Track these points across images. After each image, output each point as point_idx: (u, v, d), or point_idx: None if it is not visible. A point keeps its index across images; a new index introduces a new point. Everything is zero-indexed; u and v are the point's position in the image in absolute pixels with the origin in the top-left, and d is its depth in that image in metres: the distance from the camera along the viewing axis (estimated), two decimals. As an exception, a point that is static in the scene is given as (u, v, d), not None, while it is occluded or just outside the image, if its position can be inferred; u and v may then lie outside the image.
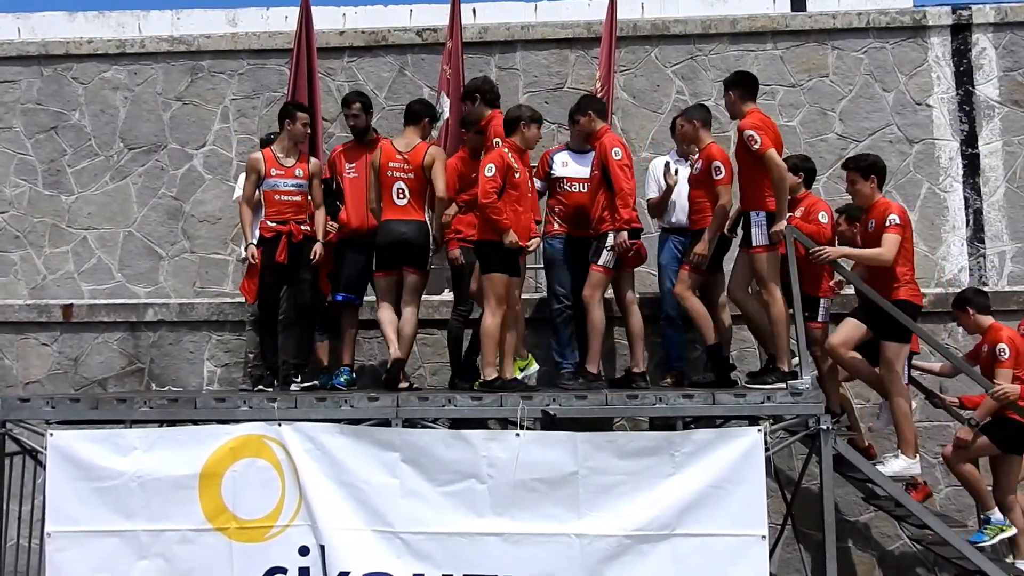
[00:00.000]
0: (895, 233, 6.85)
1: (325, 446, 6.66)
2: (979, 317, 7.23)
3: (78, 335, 9.40)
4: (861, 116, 9.21)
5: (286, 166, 7.75)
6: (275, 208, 7.73)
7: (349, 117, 8.17)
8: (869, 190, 7.08)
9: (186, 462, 6.73)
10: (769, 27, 9.35)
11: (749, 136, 6.94)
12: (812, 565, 8.14)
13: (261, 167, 7.74)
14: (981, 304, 7.28)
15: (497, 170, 7.04)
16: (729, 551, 6.34)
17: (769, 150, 6.91)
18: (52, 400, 7.26)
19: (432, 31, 9.49)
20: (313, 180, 7.83)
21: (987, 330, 7.20)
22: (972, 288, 7.73)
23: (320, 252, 7.72)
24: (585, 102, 7.71)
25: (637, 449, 6.48)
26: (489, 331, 7.10)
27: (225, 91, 9.67)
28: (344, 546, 6.55)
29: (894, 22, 9.24)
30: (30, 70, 9.81)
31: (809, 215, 7.39)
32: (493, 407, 6.81)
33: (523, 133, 7.23)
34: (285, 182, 7.72)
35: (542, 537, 6.45)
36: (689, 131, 7.53)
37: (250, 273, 7.89)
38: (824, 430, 6.54)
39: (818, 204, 7.54)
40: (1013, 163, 9.11)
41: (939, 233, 9.07)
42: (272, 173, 7.73)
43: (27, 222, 9.71)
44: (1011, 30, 9.17)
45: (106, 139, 9.72)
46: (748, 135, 6.95)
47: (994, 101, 9.16)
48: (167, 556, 6.70)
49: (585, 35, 9.40)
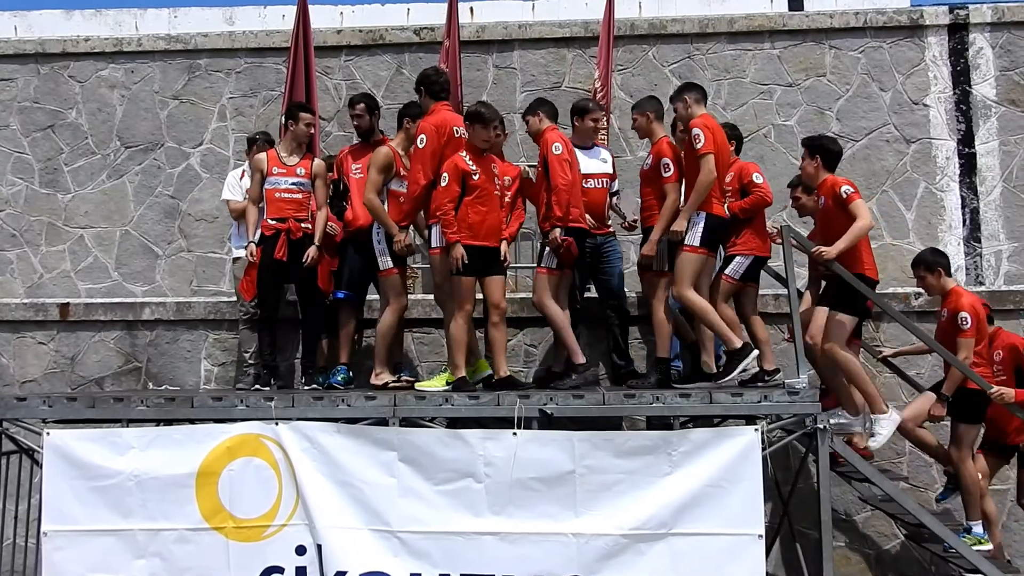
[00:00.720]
0: (858, 198, 6.88)
1: (322, 445, 6.66)
2: (944, 279, 7.20)
3: (75, 334, 9.39)
4: (858, 115, 9.22)
5: (288, 165, 7.83)
6: (276, 206, 7.80)
7: (354, 118, 8.19)
8: (812, 169, 7.11)
9: (183, 461, 6.73)
10: (766, 26, 9.36)
11: (696, 134, 6.97)
12: (809, 564, 8.15)
13: (264, 166, 7.84)
14: (944, 264, 7.27)
15: (451, 178, 7.02)
16: (726, 550, 6.34)
17: (708, 154, 6.94)
18: (49, 399, 7.26)
19: (430, 30, 9.48)
20: (316, 180, 7.86)
21: (948, 294, 7.17)
22: (932, 248, 7.74)
23: (314, 255, 7.74)
24: (536, 103, 7.73)
25: (634, 448, 6.48)
26: (454, 334, 7.10)
27: (222, 90, 9.66)
28: (341, 545, 6.54)
29: (891, 22, 9.25)
30: (27, 68, 9.80)
31: (743, 178, 7.44)
32: (490, 406, 6.81)
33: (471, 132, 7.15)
34: (286, 180, 7.79)
35: (539, 536, 6.45)
36: (642, 124, 7.47)
37: (248, 271, 7.93)
38: (821, 429, 6.54)
39: (748, 167, 7.61)
40: (1010, 163, 9.12)
41: (936, 232, 9.08)
42: (274, 171, 7.83)
43: (24, 220, 9.70)
44: (1008, 30, 9.18)
45: (103, 137, 9.71)
46: (695, 133, 6.98)
47: (991, 101, 9.17)
48: (164, 555, 6.69)
49: (583, 34, 9.40)
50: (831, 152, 7.15)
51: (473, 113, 7.18)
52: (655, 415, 6.86)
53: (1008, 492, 8.54)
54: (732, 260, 7.31)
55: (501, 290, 7.20)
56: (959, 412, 7.11)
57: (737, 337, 7.09)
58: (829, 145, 7.22)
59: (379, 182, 7.51)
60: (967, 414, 7.09)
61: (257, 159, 7.93)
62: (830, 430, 6.63)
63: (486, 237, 7.09)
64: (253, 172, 7.95)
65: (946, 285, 7.19)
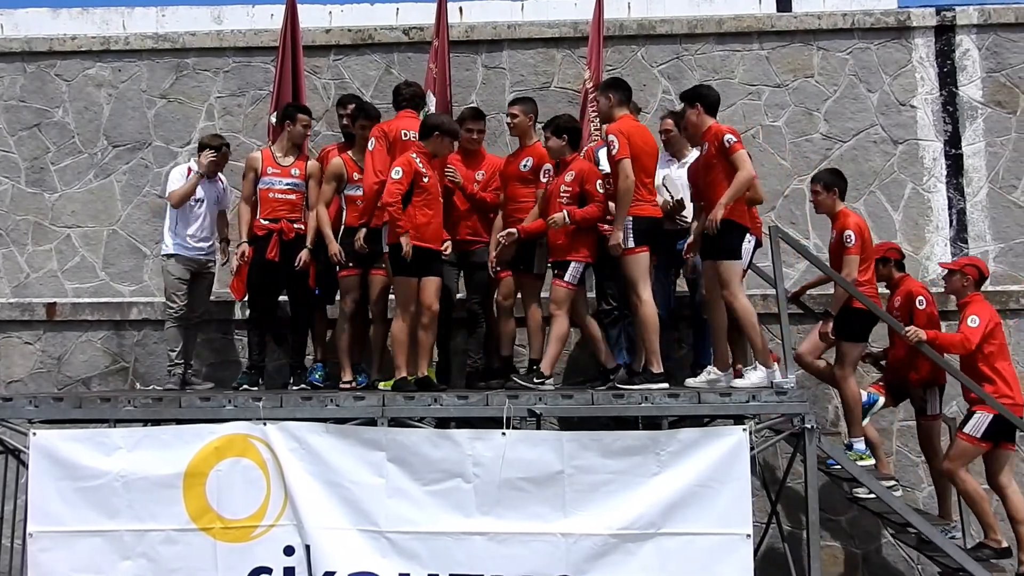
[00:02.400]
0: (741, 149, 6.85)
1: (311, 445, 6.65)
2: (836, 201, 7.35)
3: (61, 334, 9.35)
4: (846, 116, 9.25)
5: (283, 165, 7.84)
6: (269, 206, 7.82)
7: (343, 117, 8.19)
8: (695, 117, 7.10)
9: (170, 462, 6.71)
10: (755, 27, 9.38)
11: (611, 140, 6.99)
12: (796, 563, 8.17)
13: (259, 165, 7.86)
14: (841, 187, 7.41)
15: (404, 174, 7.08)
16: (714, 549, 6.36)
17: (624, 159, 6.92)
18: (35, 399, 7.22)
19: (419, 30, 9.48)
20: (310, 180, 7.86)
21: (837, 215, 7.34)
22: (830, 168, 7.84)
23: (305, 258, 7.74)
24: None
25: (623, 448, 6.49)
26: (395, 335, 7.19)
27: (210, 89, 9.63)
28: (330, 546, 6.54)
29: (879, 23, 9.29)
30: (13, 67, 9.74)
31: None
32: (479, 406, 6.81)
33: (435, 142, 7.22)
34: (280, 180, 7.81)
35: (528, 536, 6.46)
36: (603, 106, 7.34)
37: (239, 271, 7.91)
38: (809, 429, 6.57)
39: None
40: (996, 164, 9.17)
41: (923, 233, 9.12)
42: (268, 172, 7.87)
43: (10, 220, 9.65)
44: (994, 31, 9.23)
45: (90, 136, 9.66)
46: (610, 139, 7.01)
47: (977, 102, 9.21)
48: (151, 556, 6.67)
49: (572, 34, 9.41)
50: (709, 99, 7.15)
51: (449, 129, 7.30)
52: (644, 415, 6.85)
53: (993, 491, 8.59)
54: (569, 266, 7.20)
55: (435, 292, 7.22)
56: (844, 330, 7.23)
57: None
58: (705, 92, 7.23)
59: (329, 192, 7.67)
60: (851, 332, 7.23)
61: (251, 158, 7.96)
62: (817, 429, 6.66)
63: (431, 239, 7.19)
64: (247, 170, 7.95)
65: (836, 206, 7.34)
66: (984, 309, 7.19)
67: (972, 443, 7.05)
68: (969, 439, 7.05)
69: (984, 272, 7.50)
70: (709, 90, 7.29)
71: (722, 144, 6.86)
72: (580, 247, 7.17)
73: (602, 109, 7.32)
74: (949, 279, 7.42)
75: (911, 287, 7.63)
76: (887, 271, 7.69)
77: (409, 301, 7.14)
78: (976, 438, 7.04)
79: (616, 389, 6.99)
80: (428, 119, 7.44)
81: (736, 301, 6.89)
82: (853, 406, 7.26)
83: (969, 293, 7.32)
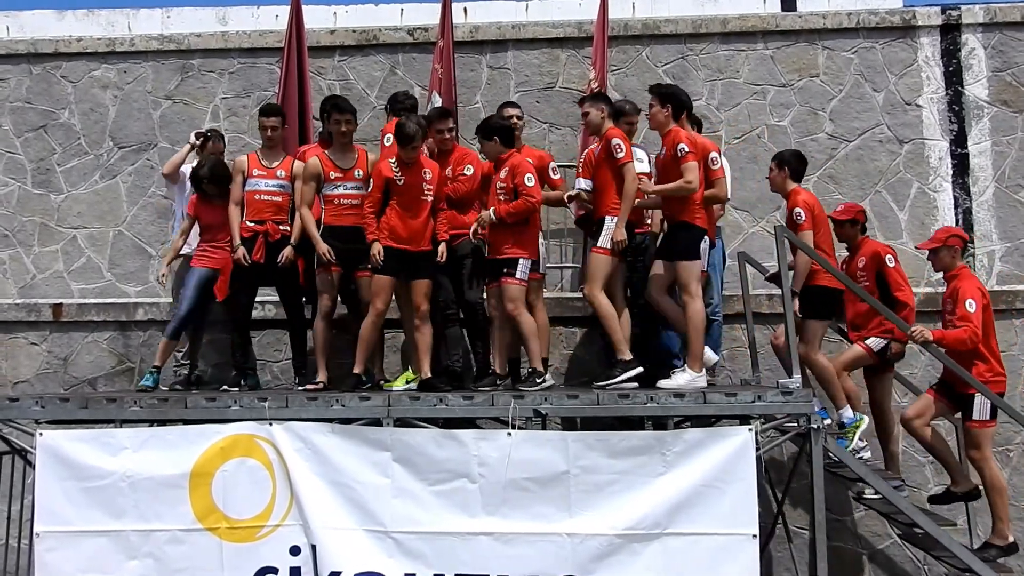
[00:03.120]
0: (691, 160, 6.97)
1: (316, 445, 6.65)
2: (788, 181, 7.44)
3: (68, 334, 9.37)
4: (851, 116, 9.24)
5: (269, 167, 7.83)
6: (255, 208, 7.83)
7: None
8: (663, 117, 7.18)
9: (176, 462, 6.71)
10: (759, 27, 9.37)
11: (616, 144, 7.09)
12: (802, 563, 8.17)
13: (245, 168, 7.89)
14: (795, 169, 7.49)
15: (375, 185, 7.27)
16: (720, 550, 6.35)
17: (628, 163, 7.08)
18: (42, 400, 7.23)
19: (423, 30, 9.48)
20: (295, 181, 7.84)
21: (789, 194, 7.42)
22: (792, 150, 7.88)
23: (288, 255, 7.72)
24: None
25: (628, 448, 6.49)
26: (361, 332, 7.34)
27: (215, 90, 9.65)
28: (335, 546, 6.54)
29: (884, 22, 9.27)
30: (19, 68, 9.77)
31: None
32: (484, 407, 6.81)
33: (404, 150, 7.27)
34: (266, 183, 7.81)
35: (533, 536, 6.45)
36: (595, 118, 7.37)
37: (225, 272, 7.91)
38: (815, 429, 6.55)
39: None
40: (1002, 163, 9.15)
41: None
42: (254, 174, 7.87)
43: (16, 221, 9.67)
44: (1000, 30, 9.21)
45: (96, 138, 9.68)
46: (615, 143, 7.10)
47: (983, 101, 9.19)
48: (157, 556, 6.67)
49: (576, 34, 9.41)
50: (681, 103, 7.25)
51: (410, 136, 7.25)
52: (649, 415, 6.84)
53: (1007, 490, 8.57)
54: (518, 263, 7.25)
55: (423, 293, 7.28)
56: (808, 308, 7.28)
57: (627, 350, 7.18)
58: (681, 97, 7.32)
59: (309, 192, 7.65)
60: (816, 310, 7.29)
61: (239, 161, 7.98)
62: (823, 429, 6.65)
63: (408, 241, 7.23)
64: (234, 173, 7.94)
65: (787, 185, 7.44)
66: (974, 288, 7.14)
67: (985, 427, 7.02)
68: (982, 424, 7.01)
69: (965, 237, 7.58)
70: (684, 96, 7.40)
71: (675, 152, 7.03)
72: (526, 244, 7.25)
73: (594, 118, 7.34)
74: (936, 257, 7.32)
75: (876, 248, 7.62)
76: (853, 232, 7.64)
77: (377, 299, 7.25)
78: (986, 421, 7.01)
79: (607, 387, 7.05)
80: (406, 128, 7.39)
81: (693, 302, 7.01)
82: (830, 379, 7.27)
83: (957, 266, 7.29)
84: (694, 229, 7.08)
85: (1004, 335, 8.76)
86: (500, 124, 7.52)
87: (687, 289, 7.02)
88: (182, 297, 8.01)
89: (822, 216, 7.40)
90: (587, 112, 7.42)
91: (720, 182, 7.29)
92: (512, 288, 7.19)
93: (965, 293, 7.02)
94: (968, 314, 6.95)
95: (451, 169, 7.77)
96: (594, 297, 7.14)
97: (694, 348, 7.05)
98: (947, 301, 7.21)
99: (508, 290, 7.20)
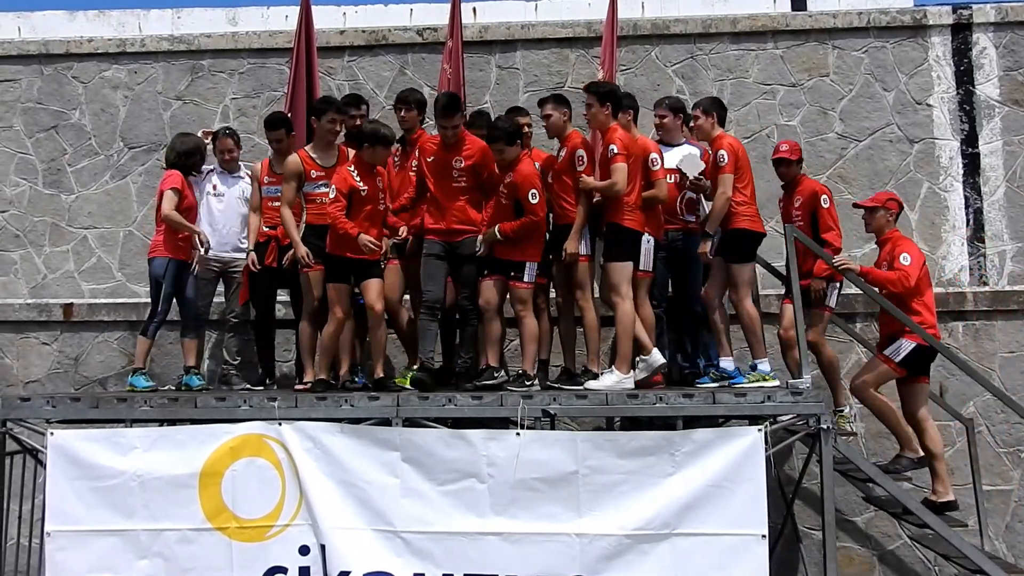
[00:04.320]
0: (620, 162, 7.00)
1: (325, 445, 6.66)
2: (716, 127, 7.41)
3: (78, 334, 9.40)
4: (861, 116, 9.21)
5: (279, 173, 7.86)
6: (268, 214, 7.91)
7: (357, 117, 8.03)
8: (604, 117, 7.22)
9: (186, 461, 6.74)
10: (769, 26, 9.35)
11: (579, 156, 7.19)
12: (812, 564, 8.14)
13: (258, 174, 7.98)
14: (720, 115, 7.49)
15: (338, 192, 7.21)
16: (729, 550, 6.34)
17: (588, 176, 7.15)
18: (52, 399, 7.26)
19: (432, 30, 9.49)
20: None
21: (714, 139, 7.38)
22: (711, 97, 7.89)
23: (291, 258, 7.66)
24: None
25: (637, 448, 6.48)
26: (323, 338, 7.42)
27: (225, 90, 9.67)
28: (344, 545, 6.55)
29: (894, 21, 9.24)
30: (30, 69, 9.81)
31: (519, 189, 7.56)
32: (493, 407, 6.81)
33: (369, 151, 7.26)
34: (277, 189, 7.80)
35: (542, 536, 6.45)
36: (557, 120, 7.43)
37: (243, 277, 8.06)
38: (824, 430, 6.53)
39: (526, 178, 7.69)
40: (1013, 163, 9.11)
41: (939, 232, 9.07)
42: (265, 180, 7.94)
43: (27, 221, 9.71)
44: (1011, 29, 9.16)
45: (106, 138, 9.72)
46: (579, 155, 7.20)
47: (994, 100, 9.15)
48: (167, 555, 6.70)
49: (585, 34, 9.40)
50: (618, 101, 7.33)
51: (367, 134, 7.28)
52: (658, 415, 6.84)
53: (1012, 492, 8.56)
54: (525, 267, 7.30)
55: (375, 293, 7.25)
56: (730, 253, 7.24)
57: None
58: (620, 94, 7.43)
59: (290, 192, 7.57)
60: (738, 255, 7.25)
61: (254, 168, 8.07)
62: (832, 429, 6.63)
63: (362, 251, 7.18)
64: (252, 180, 8.06)
65: (713, 131, 7.39)
66: (911, 246, 7.28)
67: (889, 366, 7.09)
68: (887, 361, 7.09)
69: (902, 203, 7.63)
70: (624, 96, 7.49)
71: (606, 151, 7.10)
72: (529, 248, 7.24)
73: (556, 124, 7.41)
74: (871, 217, 7.39)
75: (813, 186, 7.58)
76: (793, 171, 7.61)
77: (335, 307, 7.25)
78: (895, 362, 7.07)
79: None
80: (362, 128, 7.47)
81: (623, 304, 7.04)
82: (754, 328, 7.24)
83: (889, 229, 7.36)
84: (624, 230, 7.08)
85: (1015, 335, 8.74)
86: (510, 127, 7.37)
87: (616, 290, 7.06)
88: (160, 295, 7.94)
89: (746, 160, 7.38)
90: (549, 115, 7.45)
91: (660, 183, 7.30)
92: (521, 291, 7.21)
93: (902, 249, 7.16)
94: (903, 265, 7.07)
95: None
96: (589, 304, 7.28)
97: (622, 349, 7.06)
98: (883, 263, 7.28)
99: (516, 292, 7.22)
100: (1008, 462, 8.60)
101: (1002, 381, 8.59)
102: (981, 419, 8.56)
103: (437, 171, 7.44)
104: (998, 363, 8.74)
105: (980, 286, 8.90)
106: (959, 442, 8.40)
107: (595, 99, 7.20)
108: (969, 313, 8.78)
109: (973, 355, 8.65)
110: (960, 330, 8.76)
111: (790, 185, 7.70)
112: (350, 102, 8.01)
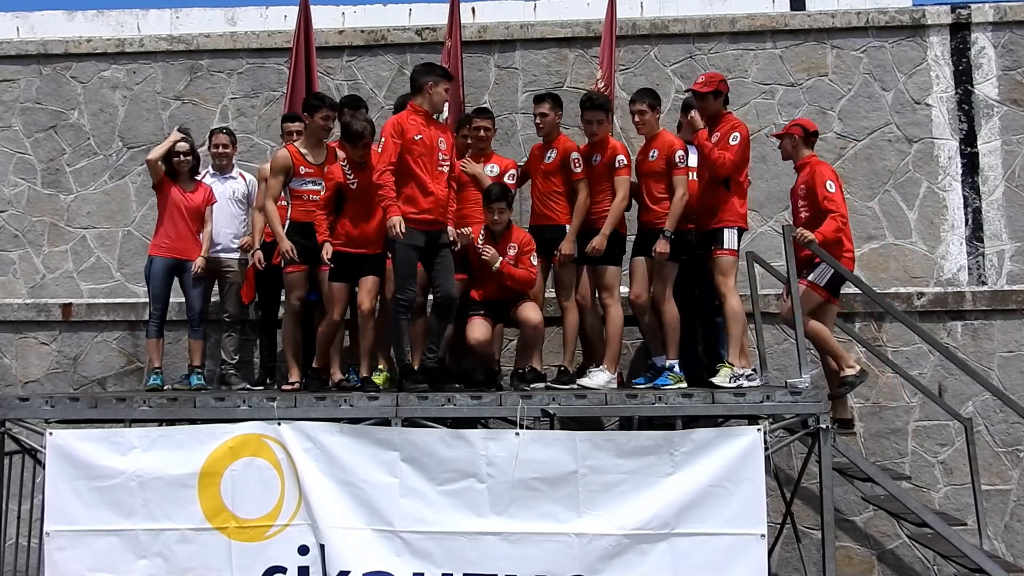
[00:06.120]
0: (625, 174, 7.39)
1: (325, 445, 6.66)
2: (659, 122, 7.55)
3: (77, 334, 9.40)
4: (860, 115, 9.21)
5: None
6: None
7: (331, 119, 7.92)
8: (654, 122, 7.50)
9: (185, 461, 6.73)
10: (768, 26, 9.35)
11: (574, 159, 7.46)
12: (811, 564, 8.15)
13: (266, 175, 7.93)
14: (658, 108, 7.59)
15: (326, 188, 7.27)
16: (728, 550, 6.34)
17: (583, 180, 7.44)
18: (51, 399, 7.26)
19: (431, 30, 9.48)
20: None
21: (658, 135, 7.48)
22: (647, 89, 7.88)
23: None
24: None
25: (636, 448, 6.48)
26: (318, 337, 7.48)
27: (224, 90, 9.67)
28: (344, 545, 6.55)
29: (893, 21, 9.25)
30: (29, 69, 9.81)
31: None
32: (492, 406, 6.81)
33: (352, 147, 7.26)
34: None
35: (541, 536, 6.45)
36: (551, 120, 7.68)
37: (247, 276, 8.10)
38: (823, 429, 6.54)
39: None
40: (1012, 162, 9.11)
41: (938, 232, 9.07)
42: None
43: (26, 221, 9.71)
44: (1010, 29, 9.17)
45: (105, 138, 9.71)
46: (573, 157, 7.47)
47: (993, 100, 9.16)
48: (166, 555, 6.69)
49: (584, 34, 9.40)
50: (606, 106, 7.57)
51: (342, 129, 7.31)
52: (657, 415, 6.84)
53: (1011, 492, 8.56)
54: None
55: (366, 292, 7.23)
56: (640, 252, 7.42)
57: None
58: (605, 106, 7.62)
59: (276, 186, 7.57)
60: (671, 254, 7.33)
61: (261, 169, 8.06)
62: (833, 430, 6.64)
63: (362, 245, 7.21)
64: (259, 180, 8.07)
65: (656, 127, 7.51)
66: (830, 170, 7.41)
67: (815, 291, 7.24)
68: (813, 286, 7.23)
69: (810, 128, 7.64)
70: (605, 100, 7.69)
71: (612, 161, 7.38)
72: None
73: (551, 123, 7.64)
74: (781, 146, 7.64)
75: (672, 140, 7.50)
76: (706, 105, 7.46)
77: (334, 306, 7.27)
78: (820, 286, 7.25)
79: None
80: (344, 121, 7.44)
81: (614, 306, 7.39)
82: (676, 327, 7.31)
83: (806, 154, 7.49)
84: (619, 235, 7.42)
85: (1014, 335, 8.75)
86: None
87: (610, 292, 7.33)
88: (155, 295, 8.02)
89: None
90: (546, 113, 7.62)
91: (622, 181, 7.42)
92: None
93: (823, 175, 7.27)
94: (830, 194, 7.20)
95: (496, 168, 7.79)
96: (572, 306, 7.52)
97: (611, 350, 7.32)
98: (800, 188, 7.42)
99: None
100: (1007, 461, 8.61)
101: (1001, 381, 8.59)
102: (980, 419, 8.57)
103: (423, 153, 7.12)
104: (997, 363, 8.74)
105: (979, 285, 8.91)
106: (958, 441, 8.42)
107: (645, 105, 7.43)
108: (968, 313, 8.79)
109: (972, 355, 8.66)
110: (959, 329, 8.76)
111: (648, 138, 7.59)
112: (349, 104, 7.99)
